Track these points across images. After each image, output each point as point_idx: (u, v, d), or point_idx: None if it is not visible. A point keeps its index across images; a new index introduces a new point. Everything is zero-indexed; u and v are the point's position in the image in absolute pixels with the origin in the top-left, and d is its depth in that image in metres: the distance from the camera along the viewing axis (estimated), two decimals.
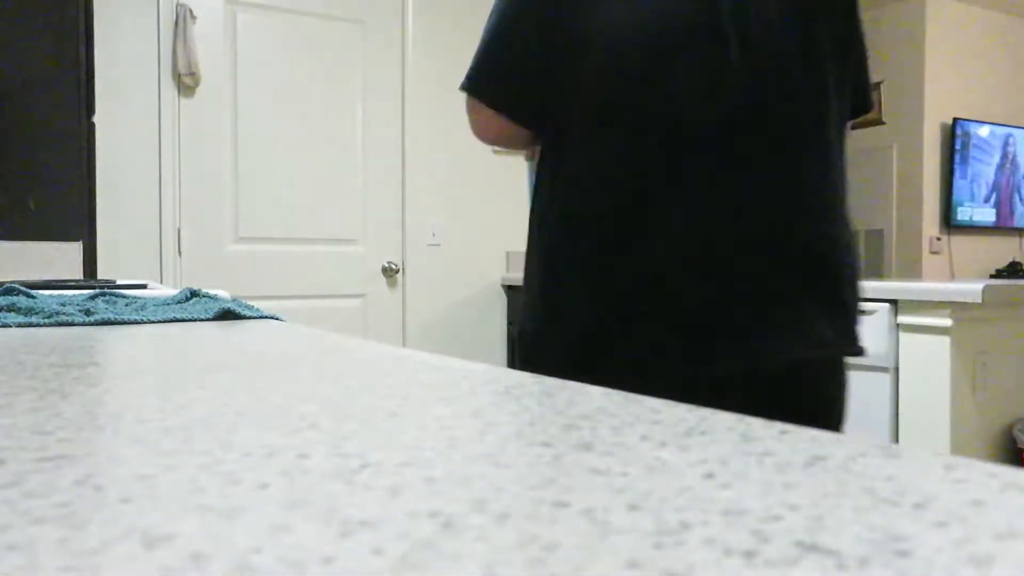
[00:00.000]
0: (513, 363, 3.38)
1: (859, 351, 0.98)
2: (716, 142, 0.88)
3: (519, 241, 3.49)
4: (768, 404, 0.86)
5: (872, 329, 1.83)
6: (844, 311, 0.94)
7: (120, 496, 0.22)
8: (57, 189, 2.04)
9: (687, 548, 0.18)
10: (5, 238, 1.96)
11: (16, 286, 0.97)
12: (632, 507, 0.21)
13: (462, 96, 1.03)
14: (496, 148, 1.10)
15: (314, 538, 0.19)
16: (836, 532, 0.19)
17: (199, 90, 2.89)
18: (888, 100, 4.80)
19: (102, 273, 2.68)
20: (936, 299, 1.71)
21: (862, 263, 1.15)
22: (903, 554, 0.17)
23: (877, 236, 4.86)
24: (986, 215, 4.90)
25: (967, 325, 1.74)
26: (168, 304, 0.98)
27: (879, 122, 4.84)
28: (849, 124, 1.03)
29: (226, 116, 2.95)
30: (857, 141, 4.98)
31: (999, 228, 5.00)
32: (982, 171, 4.86)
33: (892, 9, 4.78)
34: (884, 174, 4.82)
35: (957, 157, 4.69)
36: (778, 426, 0.31)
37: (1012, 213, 5.03)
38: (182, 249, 2.88)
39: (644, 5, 0.90)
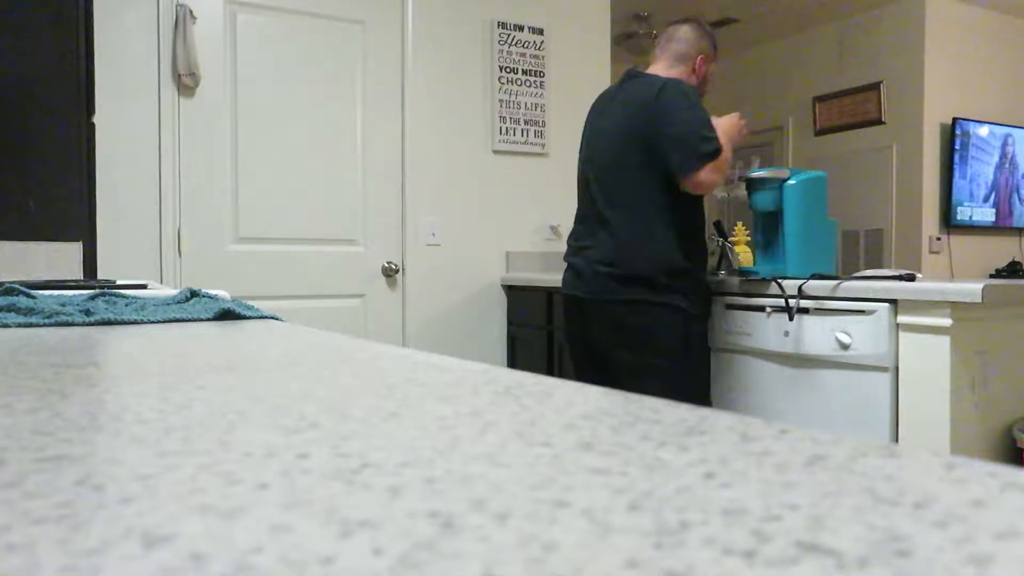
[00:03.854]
0: (513, 363, 3.38)
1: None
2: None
3: (519, 241, 3.49)
4: (597, 315, 2.01)
5: (872, 329, 1.83)
6: (621, 283, 1.96)
7: (120, 496, 0.22)
8: (57, 189, 2.04)
9: (687, 548, 0.18)
10: (5, 238, 1.96)
11: (16, 286, 0.97)
12: (632, 507, 0.21)
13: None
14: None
15: (314, 538, 0.18)
16: (836, 532, 0.19)
17: (199, 90, 2.89)
18: (888, 100, 4.80)
19: (102, 273, 2.67)
20: (936, 299, 1.71)
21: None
22: (903, 554, 0.17)
23: (877, 236, 4.86)
24: (985, 215, 4.90)
25: (967, 325, 1.73)
26: (168, 304, 0.98)
27: (879, 122, 4.84)
28: (680, 180, 1.91)
29: (226, 116, 2.95)
30: (857, 141, 4.98)
31: (999, 228, 5.00)
32: (981, 171, 4.85)
33: (892, 9, 4.78)
34: (884, 174, 4.81)
35: (957, 157, 4.69)
36: (777, 426, 0.31)
37: (1011, 213, 5.03)
38: (182, 249, 2.88)
39: None
